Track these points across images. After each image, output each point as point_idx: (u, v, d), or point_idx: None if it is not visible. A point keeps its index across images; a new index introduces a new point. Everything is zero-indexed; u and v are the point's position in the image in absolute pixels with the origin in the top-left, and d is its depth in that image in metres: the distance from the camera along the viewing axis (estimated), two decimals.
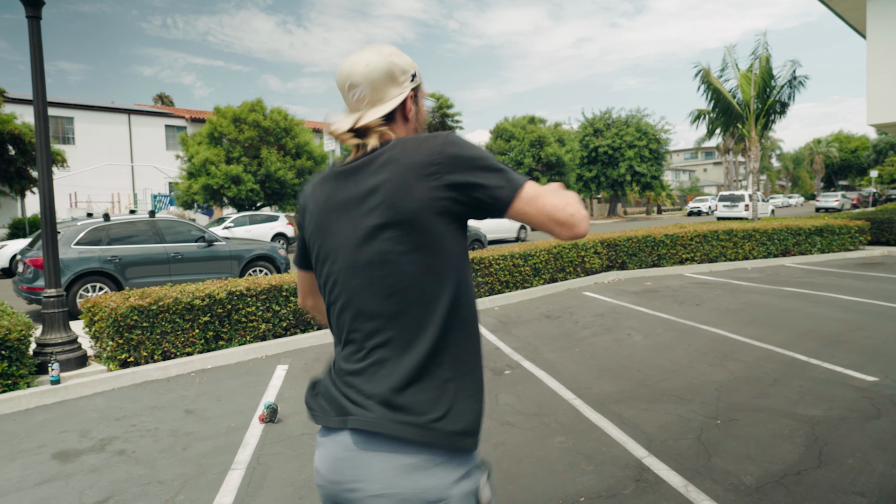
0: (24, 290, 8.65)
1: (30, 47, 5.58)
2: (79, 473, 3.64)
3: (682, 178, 73.37)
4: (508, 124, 36.62)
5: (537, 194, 1.17)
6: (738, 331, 6.64)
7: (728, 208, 27.68)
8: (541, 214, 1.17)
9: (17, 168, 18.47)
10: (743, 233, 12.56)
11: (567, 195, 1.20)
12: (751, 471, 3.32)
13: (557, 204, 1.16)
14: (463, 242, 1.24)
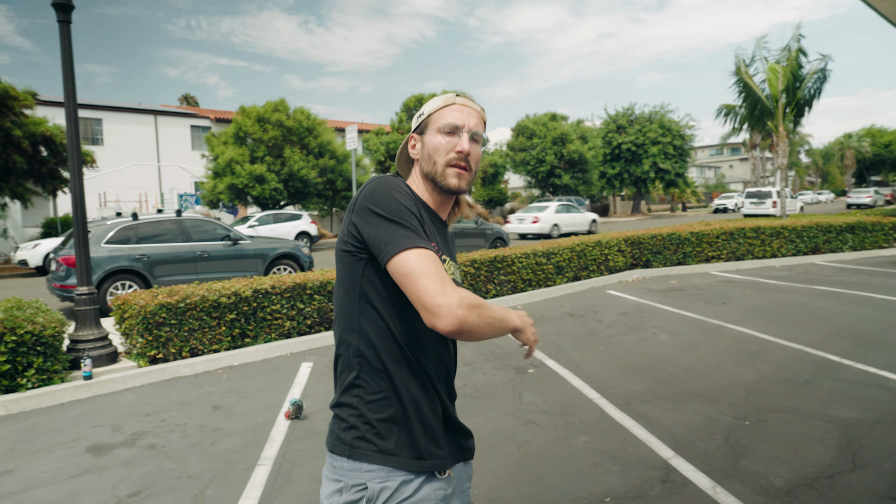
0: (56, 288, 8.85)
1: (61, 51, 5.71)
2: (111, 467, 3.72)
3: (707, 175, 72.27)
4: (530, 122, 36.39)
5: (411, 272, 1.19)
6: (767, 330, 6.53)
7: (755, 205, 27.19)
8: (410, 292, 1.21)
9: (50, 169, 18.87)
10: (771, 230, 12.33)
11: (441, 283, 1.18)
12: (781, 473, 3.26)
13: (429, 288, 1.16)
14: (373, 280, 1.31)
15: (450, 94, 1.46)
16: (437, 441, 1.34)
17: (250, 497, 3.24)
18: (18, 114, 17.66)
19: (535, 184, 36.98)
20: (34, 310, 5.33)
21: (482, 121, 1.47)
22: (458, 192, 1.42)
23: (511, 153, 36.71)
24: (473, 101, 1.47)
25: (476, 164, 1.44)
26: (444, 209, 1.49)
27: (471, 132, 1.42)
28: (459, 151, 1.39)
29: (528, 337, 1.38)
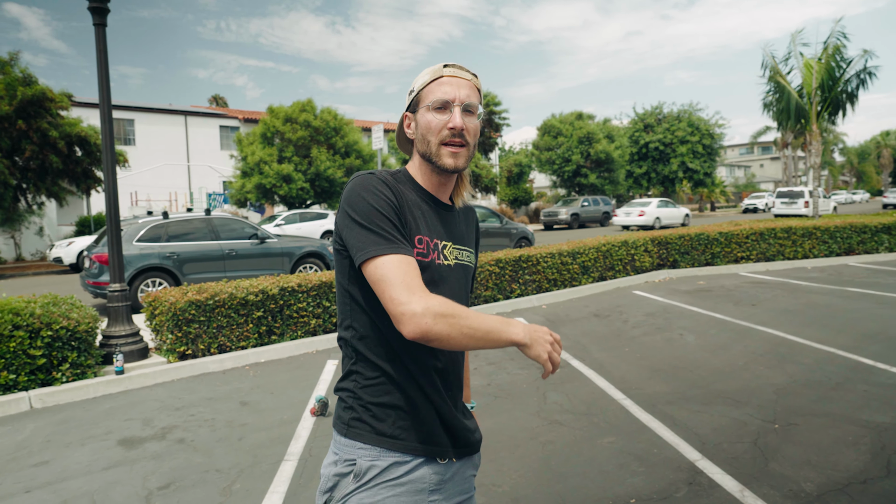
0: (90, 285, 9.08)
1: (96, 53, 5.85)
2: (142, 460, 3.80)
3: (736, 174, 70.97)
4: (556, 121, 36.19)
5: (377, 280, 1.21)
6: (798, 332, 6.39)
7: (786, 205, 26.62)
8: (380, 298, 1.23)
9: (84, 168, 19.36)
10: (803, 230, 12.07)
11: (407, 291, 1.18)
12: (811, 477, 3.19)
13: (394, 297, 1.18)
14: (358, 280, 1.33)
15: (438, 66, 1.38)
16: (436, 429, 1.36)
17: (276, 492, 3.29)
18: (55, 115, 18.15)
19: (561, 183, 36.77)
20: (69, 306, 5.48)
21: (475, 89, 1.39)
22: (455, 170, 1.37)
23: (537, 152, 36.56)
24: (463, 69, 1.39)
25: (474, 138, 1.37)
26: (444, 190, 1.44)
27: (462, 104, 1.34)
28: (452, 128, 1.33)
29: (537, 353, 1.22)
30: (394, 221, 1.27)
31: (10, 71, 17.57)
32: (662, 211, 25.70)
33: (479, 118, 1.39)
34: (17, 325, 4.91)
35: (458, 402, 1.44)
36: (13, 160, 17.95)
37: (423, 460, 1.33)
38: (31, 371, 5.03)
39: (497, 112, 35.57)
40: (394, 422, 1.33)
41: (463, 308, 1.20)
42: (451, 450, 1.39)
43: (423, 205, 1.39)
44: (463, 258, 1.44)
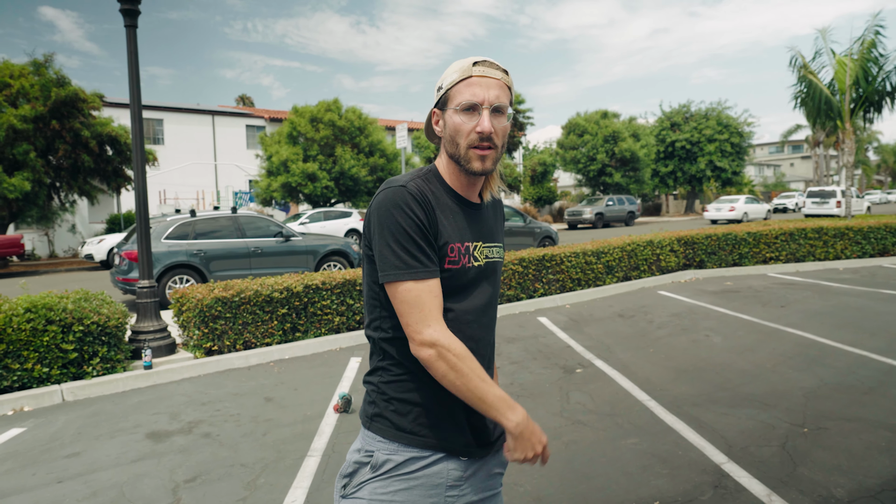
0: (119, 281, 9.28)
1: (127, 54, 5.97)
2: (169, 453, 3.87)
3: (766, 174, 69.61)
4: (581, 119, 35.87)
5: (398, 302, 1.28)
6: (828, 335, 6.25)
7: (817, 205, 26.04)
8: (398, 316, 1.30)
9: (114, 167, 19.80)
10: (834, 231, 11.79)
11: (422, 321, 1.25)
12: (842, 483, 3.12)
13: (409, 323, 1.26)
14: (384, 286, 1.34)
15: (467, 64, 1.32)
16: (460, 426, 1.37)
17: (300, 487, 3.33)
18: (87, 115, 18.59)
19: (586, 182, 36.47)
20: (99, 301, 5.61)
21: (505, 88, 1.34)
22: (483, 173, 1.35)
23: (561, 151, 36.30)
24: (494, 67, 1.33)
25: (503, 139, 1.34)
26: (473, 189, 1.43)
27: (492, 107, 1.31)
28: (480, 132, 1.30)
29: (519, 453, 1.30)
30: (420, 243, 1.27)
31: (45, 72, 18.04)
32: (750, 206, 28.09)
33: (508, 119, 1.35)
34: (51, 319, 5.04)
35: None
36: (47, 159, 18.44)
37: (442, 456, 1.34)
38: (64, 365, 5.16)
39: (521, 111, 35.42)
40: (415, 418, 1.34)
41: (470, 361, 1.26)
42: (474, 447, 1.39)
43: (454, 206, 1.39)
44: (493, 255, 1.45)
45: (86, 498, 3.30)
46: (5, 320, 4.87)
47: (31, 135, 17.34)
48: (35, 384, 5.05)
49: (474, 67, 1.32)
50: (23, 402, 4.89)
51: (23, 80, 17.50)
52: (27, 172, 17.14)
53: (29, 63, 18.18)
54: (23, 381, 5.00)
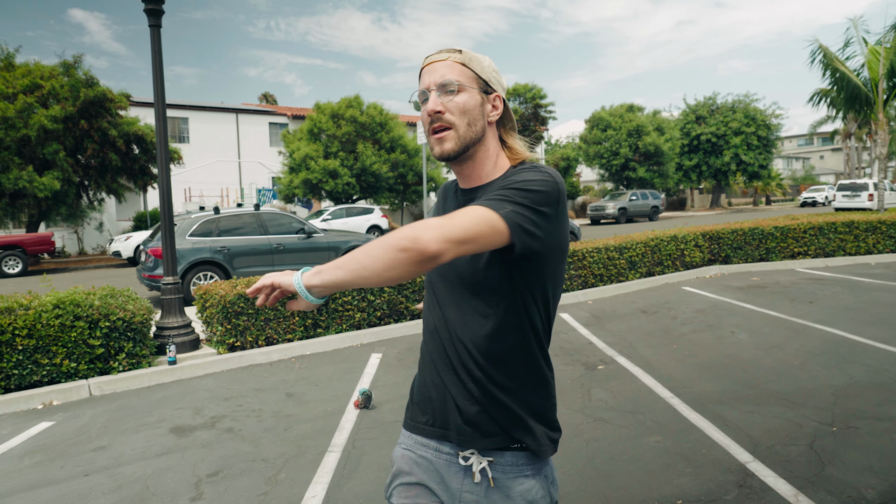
0: (145, 278, 9.43)
1: (151, 54, 6.05)
2: (192, 447, 3.93)
3: (794, 167, 68.16)
4: (605, 113, 35.49)
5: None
6: (859, 331, 6.08)
7: (848, 198, 25.40)
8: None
9: (141, 166, 20.15)
10: (866, 224, 11.47)
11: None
12: (873, 484, 3.03)
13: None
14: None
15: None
16: (427, 410, 1.37)
17: (320, 482, 3.34)
18: (114, 115, 18.93)
19: (609, 177, 36.10)
20: (125, 298, 5.71)
21: (454, 65, 1.29)
22: (443, 157, 1.30)
23: (584, 146, 35.97)
24: (443, 52, 1.32)
25: (460, 115, 1.27)
26: (464, 176, 1.37)
27: (437, 86, 1.28)
28: (428, 113, 1.29)
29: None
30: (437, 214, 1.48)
31: (75, 73, 18.40)
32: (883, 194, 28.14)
33: (477, 91, 1.30)
34: (78, 315, 5.14)
35: (454, 385, 1.32)
36: (76, 158, 18.82)
37: (412, 434, 1.41)
38: (91, 360, 5.26)
39: (543, 105, 35.15)
40: (408, 405, 1.47)
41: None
42: (435, 429, 1.36)
43: (457, 195, 1.43)
44: None
45: (111, 491, 3.36)
46: (35, 316, 4.98)
47: (61, 134, 17.71)
48: (63, 379, 5.16)
49: (425, 60, 1.34)
50: (52, 396, 5.00)
51: (53, 81, 17.87)
52: (57, 171, 17.52)
53: (59, 64, 18.56)
54: (52, 376, 5.11)
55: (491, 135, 1.35)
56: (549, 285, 1.29)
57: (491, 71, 1.34)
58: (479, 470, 1.29)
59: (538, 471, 1.32)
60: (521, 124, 34.66)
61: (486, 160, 1.35)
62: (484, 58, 1.34)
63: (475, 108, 1.29)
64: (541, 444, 1.30)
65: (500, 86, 1.36)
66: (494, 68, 1.36)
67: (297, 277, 1.16)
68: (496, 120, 1.35)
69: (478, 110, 1.30)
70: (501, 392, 1.28)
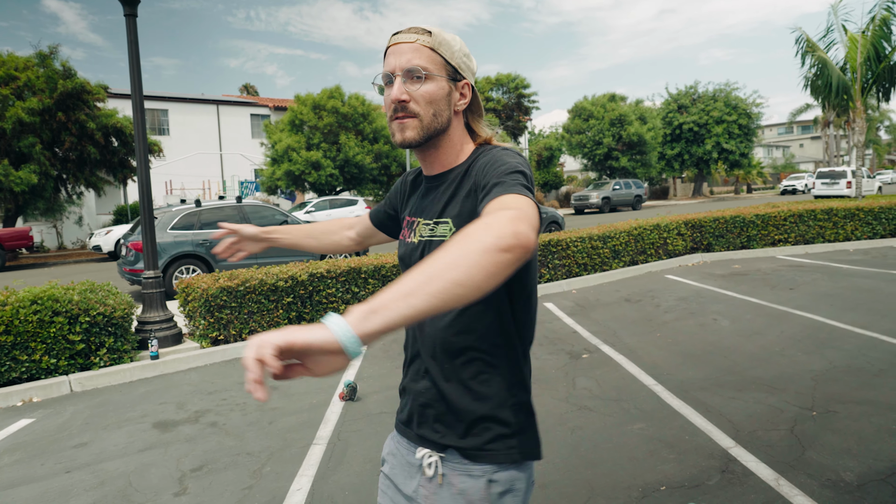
0: (126, 272, 9.31)
1: (127, 44, 5.94)
2: (176, 442, 3.89)
3: (774, 155, 68.92)
4: (587, 103, 35.57)
5: None
6: (838, 317, 6.19)
7: (827, 186, 25.75)
8: None
9: (120, 158, 19.85)
10: (844, 212, 11.65)
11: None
12: (851, 467, 3.09)
13: None
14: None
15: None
16: (403, 401, 1.37)
17: (305, 475, 3.33)
18: (92, 107, 18.60)
19: (592, 166, 36.25)
20: (105, 292, 5.62)
21: (423, 49, 1.21)
22: (405, 145, 1.24)
23: (567, 135, 36.05)
24: (410, 31, 1.23)
25: (426, 105, 1.21)
26: (427, 163, 1.33)
27: (403, 71, 1.21)
28: (393, 101, 1.22)
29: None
30: (384, 200, 1.56)
31: (51, 64, 18.03)
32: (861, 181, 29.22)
33: (445, 80, 1.23)
34: (57, 311, 5.06)
35: (412, 379, 1.30)
36: (53, 151, 18.48)
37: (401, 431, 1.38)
38: (71, 356, 5.19)
39: (526, 95, 35.15)
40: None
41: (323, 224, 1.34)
42: (402, 425, 1.36)
43: (422, 182, 1.40)
44: (426, 234, 1.29)
45: (94, 488, 3.32)
46: (12, 312, 4.89)
47: (38, 127, 17.37)
48: (43, 375, 5.09)
49: (391, 38, 1.25)
50: (32, 392, 4.93)
51: (28, 72, 17.50)
52: (33, 165, 17.20)
53: (34, 55, 18.17)
54: (31, 373, 5.03)
55: (457, 123, 1.29)
56: (534, 275, 1.26)
57: (461, 56, 1.26)
58: (429, 465, 1.24)
59: (487, 473, 1.19)
60: (505, 114, 34.65)
61: (449, 148, 1.30)
62: (455, 40, 1.25)
63: (442, 98, 1.23)
64: (481, 447, 1.19)
65: (469, 72, 1.28)
66: (465, 52, 1.27)
67: (339, 329, 0.82)
68: (463, 109, 1.29)
69: (444, 100, 1.23)
70: (450, 387, 1.22)
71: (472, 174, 1.23)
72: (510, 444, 1.20)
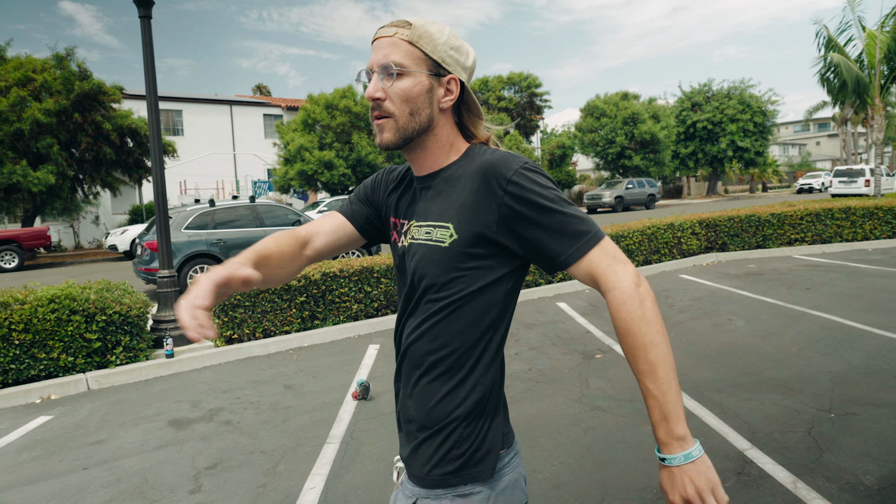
0: (141, 271, 9.40)
1: (142, 45, 5.99)
2: (191, 440, 3.92)
3: (790, 153, 68.15)
4: (600, 101, 35.36)
5: None
6: (857, 317, 6.10)
7: (845, 184, 25.37)
8: None
9: (135, 159, 20.05)
10: (863, 210, 11.48)
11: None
12: (871, 470, 3.04)
13: None
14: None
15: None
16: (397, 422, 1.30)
17: (319, 474, 3.34)
18: (108, 108, 18.79)
19: (604, 165, 36.05)
20: (121, 291, 5.68)
21: (400, 43, 1.13)
22: (385, 147, 1.18)
23: (579, 134, 35.87)
24: (389, 26, 1.16)
25: (400, 103, 1.14)
26: (416, 163, 1.24)
27: (379, 67, 1.14)
28: (368, 99, 1.15)
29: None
30: (357, 195, 1.39)
31: (68, 66, 18.25)
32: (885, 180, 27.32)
33: (426, 75, 1.15)
34: (74, 310, 5.12)
35: (405, 390, 1.23)
36: (70, 152, 18.71)
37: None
38: (88, 354, 5.25)
39: (538, 94, 35.04)
40: None
41: (272, 240, 1.23)
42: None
43: (410, 185, 1.30)
44: (420, 236, 1.19)
45: (110, 484, 3.35)
46: (31, 311, 4.95)
47: (55, 128, 17.59)
48: (61, 373, 5.15)
49: (375, 32, 1.18)
50: (50, 390, 4.99)
51: (46, 74, 17.73)
52: (51, 165, 17.42)
53: (51, 57, 18.40)
54: (49, 370, 5.10)
55: (444, 121, 1.20)
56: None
57: (447, 49, 1.16)
58: (397, 472, 1.29)
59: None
60: (517, 113, 34.56)
61: (437, 150, 1.21)
62: (440, 32, 1.16)
63: (420, 95, 1.14)
64: (422, 468, 1.17)
65: (457, 66, 1.18)
66: (453, 45, 1.17)
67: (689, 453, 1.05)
68: (451, 106, 1.20)
69: (423, 98, 1.15)
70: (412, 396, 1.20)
71: (478, 182, 1.13)
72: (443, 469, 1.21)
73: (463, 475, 1.14)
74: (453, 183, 1.18)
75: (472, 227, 1.12)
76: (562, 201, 1.10)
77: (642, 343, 1.06)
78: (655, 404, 1.05)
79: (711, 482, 1.04)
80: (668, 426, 1.04)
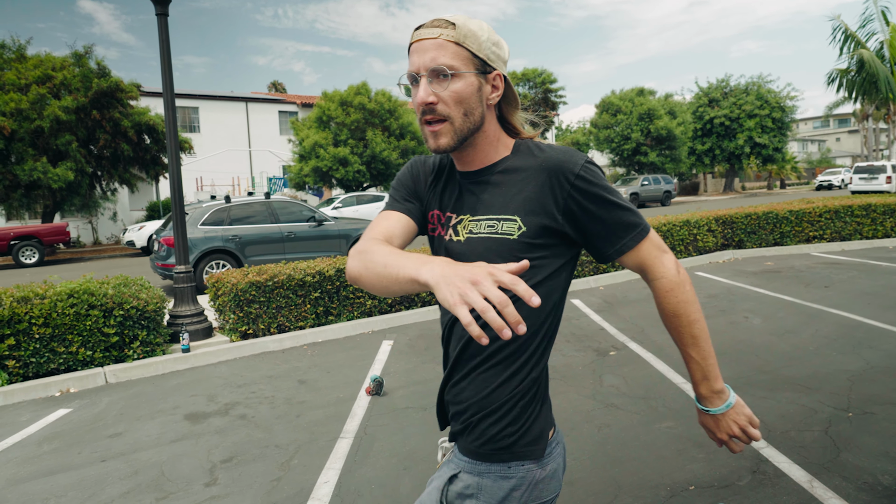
0: (158, 267, 9.51)
1: (159, 43, 6.04)
2: (207, 434, 3.96)
3: (809, 150, 67.17)
4: (615, 97, 35.11)
5: None
6: (876, 316, 6.01)
7: (865, 181, 24.97)
8: None
9: (152, 156, 20.26)
10: (884, 207, 11.29)
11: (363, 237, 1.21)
12: (890, 470, 3.00)
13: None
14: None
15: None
16: (439, 405, 1.36)
17: (332, 468, 3.36)
18: (125, 105, 19.00)
19: (620, 162, 35.80)
20: (139, 287, 5.75)
21: (447, 45, 1.13)
22: (439, 152, 1.19)
23: (595, 130, 35.65)
24: (433, 26, 1.15)
25: (455, 105, 1.14)
26: (465, 162, 1.26)
27: (428, 71, 1.13)
28: (419, 104, 1.15)
29: (443, 297, 0.83)
30: (400, 191, 1.34)
31: (86, 63, 18.47)
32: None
33: (474, 75, 1.15)
34: (92, 304, 5.19)
35: (456, 377, 1.26)
36: (88, 149, 18.94)
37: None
38: (106, 348, 5.32)
39: (553, 90, 34.87)
40: None
41: (379, 245, 1.11)
42: (444, 423, 1.36)
43: (451, 178, 1.31)
44: (481, 230, 1.20)
45: (128, 476, 3.40)
46: (50, 305, 5.03)
47: (74, 125, 17.82)
48: (80, 367, 5.23)
49: (414, 34, 1.17)
50: (69, 383, 5.07)
51: (65, 71, 17.95)
52: (70, 162, 17.66)
53: (70, 55, 18.63)
54: (68, 364, 5.18)
55: (490, 117, 1.22)
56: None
57: (490, 46, 1.17)
58: (442, 452, 1.36)
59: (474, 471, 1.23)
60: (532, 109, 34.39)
61: (486, 145, 1.24)
62: (482, 28, 1.17)
63: (471, 95, 1.16)
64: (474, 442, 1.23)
65: (500, 61, 1.20)
66: (494, 40, 1.18)
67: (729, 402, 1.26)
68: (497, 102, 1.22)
69: (475, 97, 1.16)
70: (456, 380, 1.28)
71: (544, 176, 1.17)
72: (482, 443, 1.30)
73: (516, 452, 1.20)
74: (513, 177, 1.21)
75: (539, 220, 1.17)
76: (618, 195, 1.20)
77: (687, 321, 1.23)
78: (697, 367, 1.25)
79: (748, 417, 1.26)
80: (710, 383, 1.25)
